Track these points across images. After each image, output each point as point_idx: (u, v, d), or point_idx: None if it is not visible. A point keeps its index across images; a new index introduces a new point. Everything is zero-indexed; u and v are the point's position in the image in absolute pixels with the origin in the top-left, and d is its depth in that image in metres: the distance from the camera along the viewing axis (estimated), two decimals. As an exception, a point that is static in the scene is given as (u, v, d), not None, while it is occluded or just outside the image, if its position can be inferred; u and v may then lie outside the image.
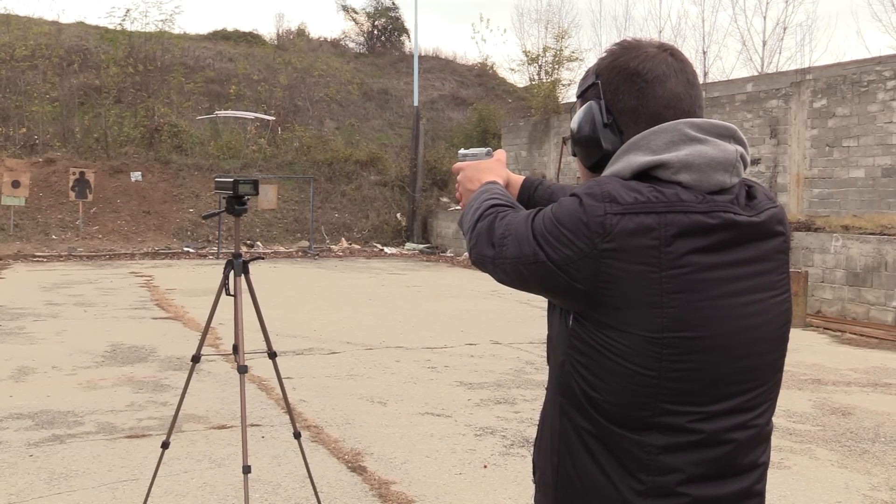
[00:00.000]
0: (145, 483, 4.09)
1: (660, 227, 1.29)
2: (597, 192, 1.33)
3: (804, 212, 14.37)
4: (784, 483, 4.63)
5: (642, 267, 1.29)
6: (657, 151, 1.36)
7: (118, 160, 21.10)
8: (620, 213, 1.30)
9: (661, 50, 1.44)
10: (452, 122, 27.22)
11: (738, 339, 1.35)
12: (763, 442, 1.43)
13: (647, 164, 1.36)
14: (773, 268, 1.41)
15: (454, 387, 6.76)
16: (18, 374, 6.90)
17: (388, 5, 32.79)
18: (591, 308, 1.33)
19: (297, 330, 9.27)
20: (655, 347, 1.30)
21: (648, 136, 1.38)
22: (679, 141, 1.37)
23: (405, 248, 21.02)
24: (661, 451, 1.33)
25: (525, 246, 1.38)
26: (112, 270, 15.50)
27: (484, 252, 1.48)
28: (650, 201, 1.31)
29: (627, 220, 1.29)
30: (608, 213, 1.30)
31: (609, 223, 1.30)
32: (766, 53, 28.24)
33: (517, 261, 1.40)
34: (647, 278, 1.29)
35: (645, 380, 1.31)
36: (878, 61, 16.17)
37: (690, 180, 1.35)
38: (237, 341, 3.78)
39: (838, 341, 9.43)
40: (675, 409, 1.32)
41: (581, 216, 1.32)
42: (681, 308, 1.30)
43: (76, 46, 24.46)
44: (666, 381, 1.31)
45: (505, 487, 4.45)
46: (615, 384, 1.33)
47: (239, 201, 3.80)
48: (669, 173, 1.35)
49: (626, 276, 1.29)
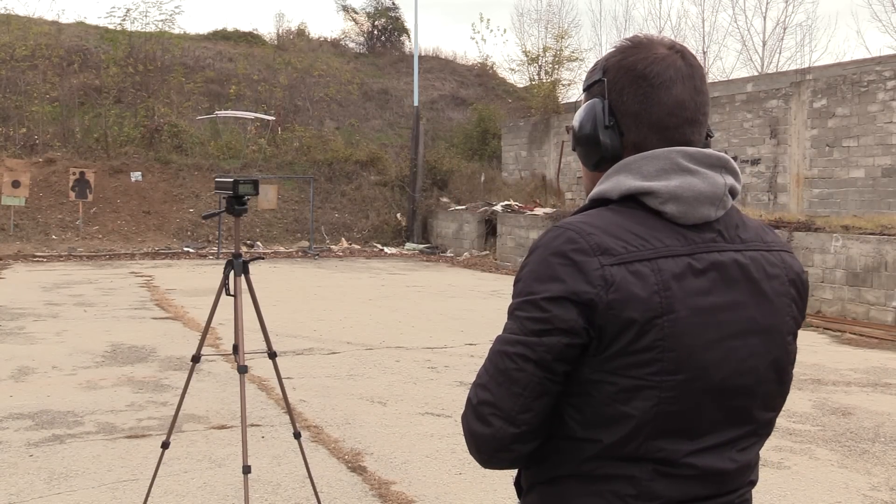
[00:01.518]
0: (145, 483, 4.09)
1: (654, 274, 1.28)
2: (584, 246, 1.29)
3: (804, 212, 14.36)
4: (784, 483, 4.63)
5: (646, 314, 1.27)
6: (647, 178, 1.35)
7: (118, 160, 21.09)
8: (616, 264, 1.28)
9: (673, 51, 1.40)
10: (452, 122, 27.23)
11: (730, 381, 1.34)
12: (753, 467, 1.43)
13: (637, 189, 1.34)
14: (772, 311, 1.39)
15: (454, 387, 6.76)
16: (18, 374, 6.90)
17: (388, 5, 32.81)
18: (592, 356, 1.30)
19: (297, 330, 9.27)
20: (654, 391, 1.29)
21: (640, 161, 1.36)
22: (670, 170, 1.34)
23: (405, 248, 21.02)
24: (651, 481, 1.32)
25: (531, 355, 1.29)
26: (112, 270, 15.51)
27: (478, 436, 1.35)
28: (639, 249, 1.30)
29: (624, 269, 1.28)
30: (604, 265, 1.28)
31: (609, 274, 1.27)
32: (766, 53, 28.28)
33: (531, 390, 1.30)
34: (651, 324, 1.27)
35: (641, 421, 1.30)
36: (878, 61, 16.17)
37: (676, 212, 1.33)
38: (237, 341, 3.78)
39: (838, 341, 9.43)
40: (665, 446, 1.31)
41: (576, 274, 1.28)
42: (680, 352, 1.29)
43: (76, 46, 24.46)
44: (659, 423, 1.30)
45: (505, 487, 4.45)
46: (610, 426, 1.31)
47: (239, 201, 3.80)
48: (657, 202, 1.34)
49: (629, 324, 1.27)
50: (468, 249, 19.66)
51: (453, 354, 8.14)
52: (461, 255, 19.52)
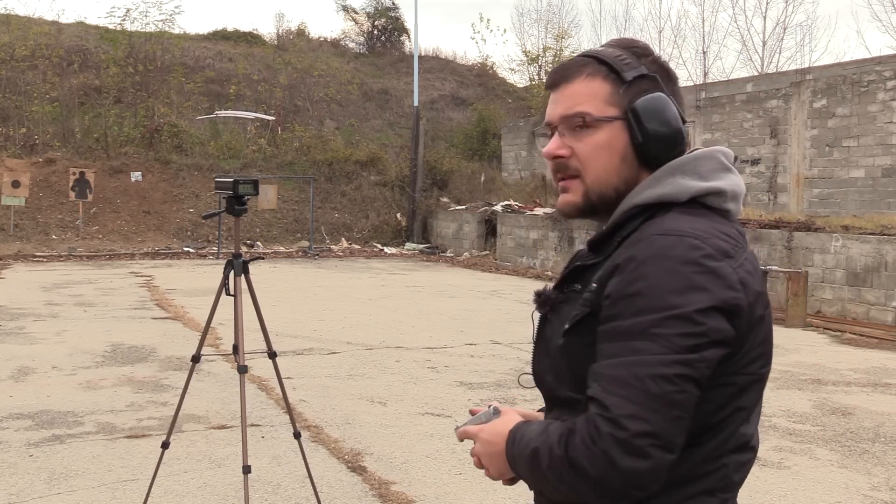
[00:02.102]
0: (145, 483, 4.09)
1: (756, 270, 1.33)
2: (710, 251, 1.25)
3: (804, 212, 14.36)
4: (784, 483, 4.63)
5: (763, 310, 1.32)
6: (706, 178, 1.35)
7: (118, 160, 21.10)
8: (740, 265, 1.28)
9: None
10: (452, 122, 27.23)
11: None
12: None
13: (705, 190, 1.34)
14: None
15: (454, 387, 6.76)
16: (18, 374, 6.90)
17: (388, 5, 32.82)
18: (726, 361, 1.29)
19: (297, 330, 9.27)
20: (760, 383, 1.35)
21: (693, 161, 1.36)
22: (720, 169, 1.38)
23: (405, 248, 21.02)
24: (737, 469, 1.35)
25: (693, 373, 1.21)
26: (112, 270, 15.50)
27: (636, 475, 1.20)
28: (738, 244, 1.31)
29: (742, 269, 1.28)
30: (735, 267, 1.27)
31: (742, 276, 1.27)
32: (766, 53, 28.25)
33: (690, 410, 1.23)
34: (762, 319, 1.32)
35: (744, 414, 1.34)
36: (878, 61, 16.17)
37: (734, 209, 1.38)
38: (237, 341, 3.78)
39: (838, 341, 9.43)
40: (745, 431, 1.35)
41: (716, 280, 1.24)
42: (769, 343, 1.35)
43: (76, 46, 24.47)
44: (748, 412, 1.35)
45: (505, 487, 4.45)
46: (714, 428, 1.31)
47: (239, 201, 3.80)
48: (720, 201, 1.35)
49: (757, 321, 1.30)
50: (468, 249, 19.66)
51: (453, 354, 8.14)
52: (461, 255, 19.52)
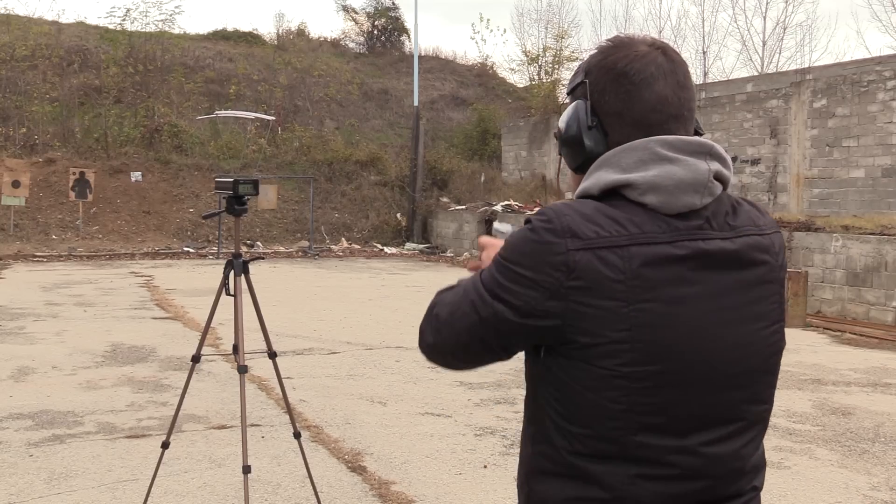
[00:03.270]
0: (145, 483, 4.09)
1: (624, 261, 1.26)
2: (556, 226, 1.28)
3: (804, 212, 14.37)
4: (784, 483, 4.63)
5: (610, 302, 1.25)
6: (626, 170, 1.33)
7: (118, 160, 21.10)
8: (583, 249, 1.26)
9: (653, 48, 1.38)
10: (452, 122, 27.23)
11: (715, 373, 1.31)
12: (750, 472, 1.38)
13: (615, 183, 1.32)
14: (758, 297, 1.35)
15: (454, 387, 6.76)
16: (18, 374, 6.90)
17: (388, 5, 32.81)
18: (561, 343, 1.30)
19: (297, 330, 9.27)
20: (625, 381, 1.26)
21: (619, 154, 1.35)
22: (649, 160, 1.32)
23: (405, 248, 21.02)
24: (633, 482, 1.29)
25: (481, 309, 1.33)
26: (112, 270, 15.50)
27: (425, 340, 1.45)
28: (612, 235, 1.27)
29: (591, 255, 1.26)
30: (570, 249, 1.26)
31: (572, 260, 1.26)
32: (766, 53, 28.27)
33: (472, 330, 1.36)
34: (616, 313, 1.25)
35: (617, 413, 1.28)
36: (878, 61, 16.16)
37: (657, 202, 1.30)
38: (237, 341, 3.78)
39: (838, 341, 9.43)
40: (647, 441, 1.29)
41: (542, 254, 1.27)
42: (650, 342, 1.26)
43: (76, 46, 24.46)
44: (636, 415, 1.28)
45: (505, 487, 4.45)
46: (587, 417, 1.30)
47: (239, 201, 3.80)
48: (636, 194, 1.31)
49: (594, 311, 1.26)
50: (468, 249, 19.66)
51: (453, 354, 8.14)
52: (461, 254, 19.51)
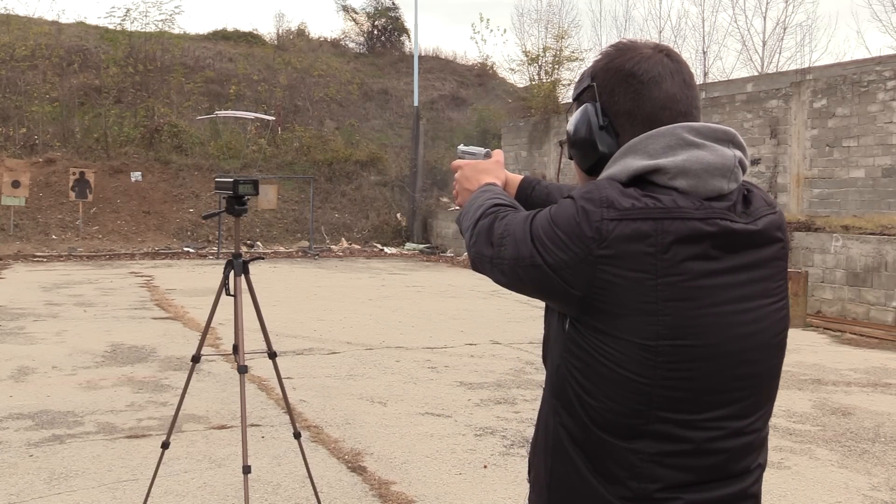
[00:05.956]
0: (145, 483, 4.09)
1: (656, 234, 1.28)
2: (595, 196, 1.31)
3: (804, 212, 14.36)
4: (784, 483, 4.63)
5: (638, 274, 1.27)
6: (654, 156, 1.35)
7: (118, 160, 21.10)
8: (617, 219, 1.28)
9: (657, 51, 1.43)
10: (452, 122, 27.22)
11: (734, 348, 1.34)
12: (757, 448, 1.42)
13: (644, 169, 1.35)
14: (771, 274, 1.39)
15: (454, 387, 6.76)
16: (18, 374, 6.90)
17: (388, 5, 32.80)
18: (587, 313, 1.32)
19: (297, 330, 9.27)
20: (649, 355, 1.29)
21: (646, 140, 1.37)
22: (676, 146, 1.35)
23: (405, 248, 21.02)
24: (652, 459, 1.32)
25: (522, 248, 1.36)
26: (112, 270, 15.50)
27: (483, 251, 1.46)
28: (647, 207, 1.29)
29: (624, 225, 1.28)
30: (605, 218, 1.29)
31: (605, 229, 1.28)
32: (766, 53, 28.26)
33: (514, 262, 1.38)
34: (643, 285, 1.27)
35: (638, 387, 1.30)
36: (878, 61, 16.16)
37: (687, 186, 1.33)
38: (237, 341, 3.78)
39: (838, 341, 9.43)
40: (667, 416, 1.31)
41: (578, 220, 1.30)
42: (676, 316, 1.29)
43: (76, 46, 24.46)
44: (659, 389, 1.30)
45: (505, 487, 4.46)
46: (609, 390, 1.32)
47: (239, 201, 3.80)
48: (666, 178, 1.34)
49: (621, 282, 1.28)
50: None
51: (453, 354, 8.14)
52: (461, 254, 19.51)
